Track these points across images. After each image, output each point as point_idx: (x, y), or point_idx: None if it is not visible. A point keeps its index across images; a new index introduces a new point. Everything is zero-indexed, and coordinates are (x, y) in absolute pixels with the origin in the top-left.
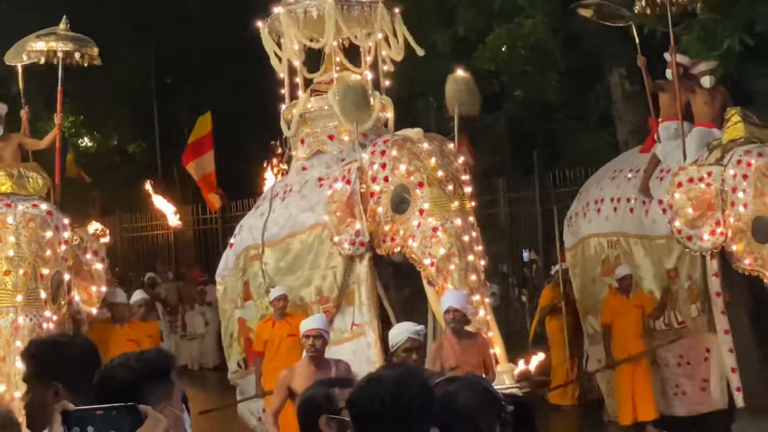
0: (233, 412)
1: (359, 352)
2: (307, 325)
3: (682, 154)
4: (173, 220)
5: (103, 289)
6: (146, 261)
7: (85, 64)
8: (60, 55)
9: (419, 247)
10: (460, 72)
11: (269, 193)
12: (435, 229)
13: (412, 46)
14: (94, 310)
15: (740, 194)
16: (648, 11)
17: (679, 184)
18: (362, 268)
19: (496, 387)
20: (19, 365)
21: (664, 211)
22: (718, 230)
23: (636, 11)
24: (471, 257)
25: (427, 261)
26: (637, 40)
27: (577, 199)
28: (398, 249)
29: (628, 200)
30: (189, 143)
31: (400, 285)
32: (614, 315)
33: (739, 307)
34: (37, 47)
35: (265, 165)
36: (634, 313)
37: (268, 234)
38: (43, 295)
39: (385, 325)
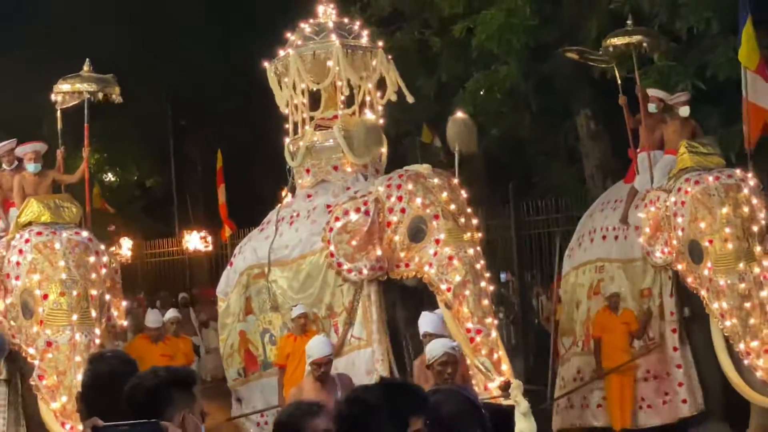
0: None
1: (358, 363)
2: (317, 352)
3: (650, 181)
4: (198, 244)
5: (124, 303)
6: (165, 282)
7: (111, 101)
8: (86, 95)
9: (436, 274)
10: (459, 114)
11: (274, 217)
12: (451, 258)
13: (399, 88)
14: (124, 323)
15: (679, 219)
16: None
17: (645, 205)
18: (372, 289)
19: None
20: (79, 378)
21: (639, 235)
22: (666, 250)
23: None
24: (483, 283)
25: (443, 286)
26: (619, 81)
27: (576, 231)
28: (413, 274)
29: (614, 229)
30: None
31: (406, 304)
32: (603, 330)
33: (702, 322)
34: (64, 89)
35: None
36: (620, 329)
37: (277, 255)
38: (93, 314)
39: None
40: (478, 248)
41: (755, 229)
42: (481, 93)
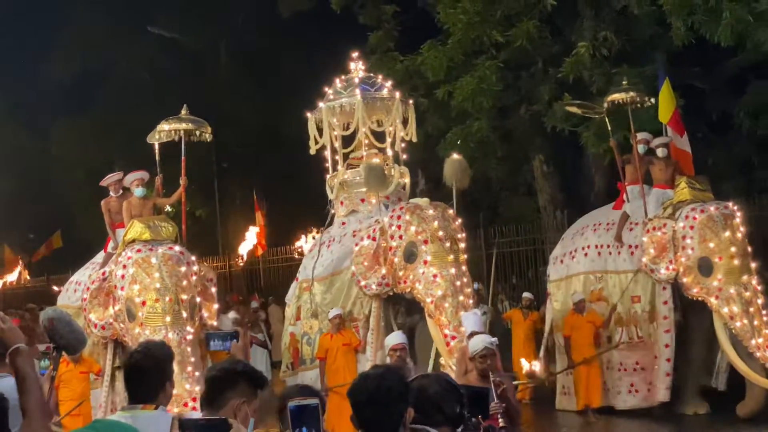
0: None
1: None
2: (393, 340)
3: (644, 210)
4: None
5: (215, 306)
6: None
7: (203, 139)
8: (181, 133)
9: (423, 289)
10: (455, 155)
11: (318, 241)
12: (435, 276)
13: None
14: (214, 323)
15: (688, 240)
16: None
17: (648, 231)
18: (374, 303)
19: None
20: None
21: (632, 253)
22: (671, 267)
23: (605, 107)
24: (461, 297)
25: (428, 300)
26: (609, 127)
27: (561, 245)
28: (408, 290)
29: (608, 246)
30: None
31: (409, 312)
32: (572, 329)
33: (690, 326)
34: (164, 128)
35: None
36: (586, 327)
37: (318, 272)
38: (184, 315)
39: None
40: (463, 268)
41: (748, 249)
42: (458, 142)
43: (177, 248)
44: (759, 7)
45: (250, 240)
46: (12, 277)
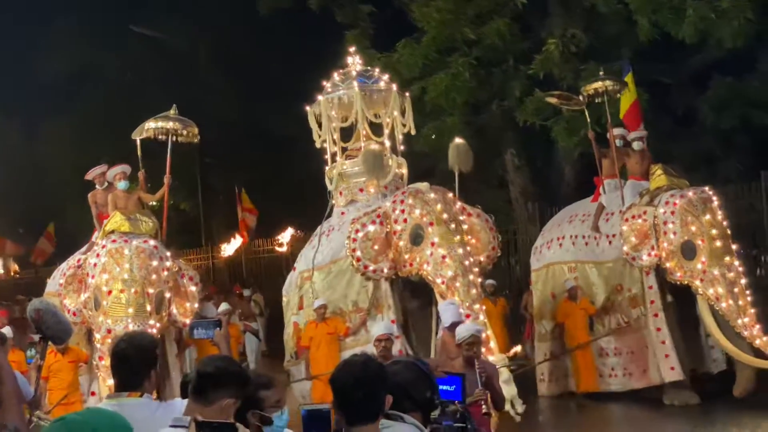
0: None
1: None
2: (378, 330)
3: (621, 201)
4: (231, 250)
5: (195, 305)
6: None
7: (190, 140)
8: (169, 132)
9: (432, 270)
10: (458, 140)
11: (319, 230)
12: (444, 257)
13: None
14: (187, 321)
15: (670, 225)
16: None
17: (626, 220)
18: (386, 285)
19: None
20: None
21: (610, 242)
22: (653, 253)
23: (583, 97)
24: (471, 277)
25: (438, 280)
26: (589, 120)
27: (541, 236)
28: (415, 272)
29: (584, 237)
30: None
31: (413, 297)
32: (565, 316)
33: (669, 310)
34: (151, 126)
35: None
36: (579, 314)
37: (317, 261)
38: (148, 308)
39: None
40: (468, 248)
41: (728, 231)
42: (433, 137)
43: (152, 242)
44: (721, 5)
45: (233, 244)
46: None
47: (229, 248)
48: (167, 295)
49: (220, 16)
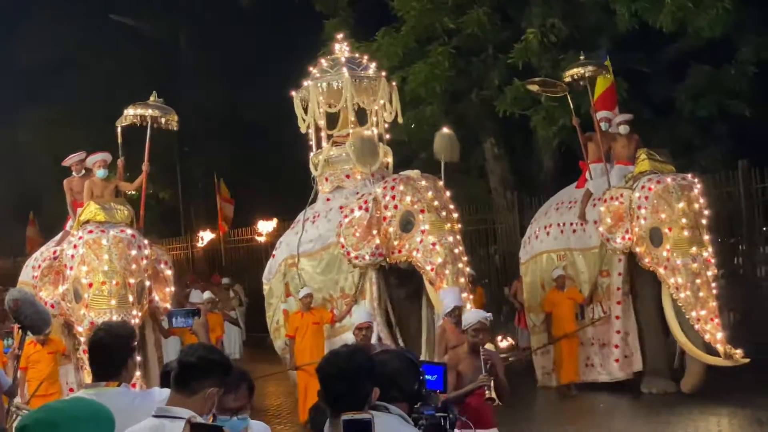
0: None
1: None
2: (359, 318)
3: (608, 186)
4: (208, 238)
5: (172, 288)
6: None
7: (169, 128)
8: (148, 119)
9: (422, 257)
10: (445, 130)
11: (302, 217)
12: (434, 244)
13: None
14: (168, 306)
15: (642, 210)
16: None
17: (604, 201)
18: (373, 273)
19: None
20: None
21: (597, 229)
22: (627, 236)
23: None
24: (460, 265)
25: (428, 267)
26: (572, 106)
27: (530, 226)
28: (404, 259)
29: (571, 224)
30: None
31: (399, 285)
32: (552, 305)
33: (647, 297)
34: (130, 112)
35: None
36: (567, 303)
37: (304, 248)
38: (130, 298)
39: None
40: (458, 236)
41: (703, 221)
42: (413, 126)
43: (129, 231)
44: None
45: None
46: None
47: (205, 237)
48: (147, 283)
49: (199, 5)
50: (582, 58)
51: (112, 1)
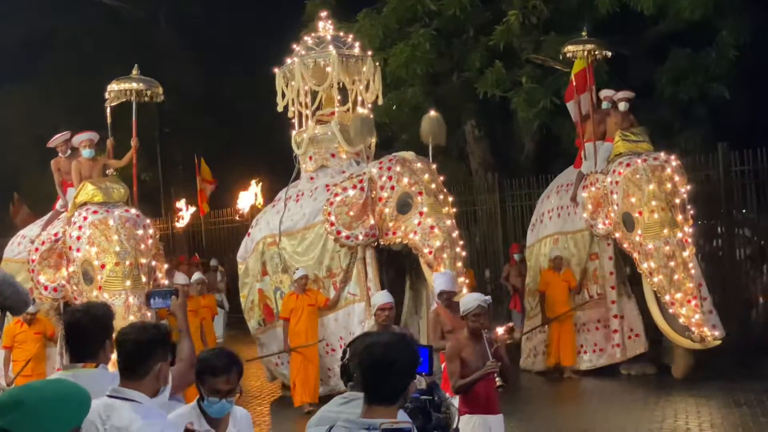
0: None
1: (353, 314)
2: (381, 299)
3: (594, 164)
4: (186, 219)
5: (166, 265)
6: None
7: (154, 100)
8: (134, 93)
9: (420, 240)
10: (432, 113)
11: (283, 195)
12: (432, 227)
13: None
14: (165, 282)
15: (614, 196)
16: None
17: (585, 187)
18: (368, 253)
19: None
20: None
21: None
22: (606, 222)
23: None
24: (458, 249)
25: (426, 250)
26: (575, 84)
27: (536, 211)
28: (399, 240)
29: (567, 207)
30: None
31: (387, 266)
32: (547, 286)
33: (638, 282)
34: (115, 87)
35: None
36: (561, 285)
37: (285, 226)
38: (143, 279)
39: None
40: (453, 221)
41: (677, 201)
42: (394, 108)
43: (133, 211)
44: None
45: (188, 213)
46: None
47: (185, 216)
48: (153, 263)
49: None
50: (584, 34)
51: None
